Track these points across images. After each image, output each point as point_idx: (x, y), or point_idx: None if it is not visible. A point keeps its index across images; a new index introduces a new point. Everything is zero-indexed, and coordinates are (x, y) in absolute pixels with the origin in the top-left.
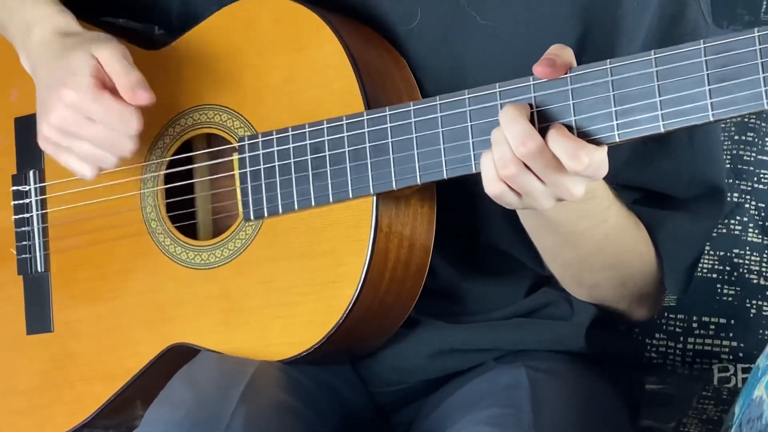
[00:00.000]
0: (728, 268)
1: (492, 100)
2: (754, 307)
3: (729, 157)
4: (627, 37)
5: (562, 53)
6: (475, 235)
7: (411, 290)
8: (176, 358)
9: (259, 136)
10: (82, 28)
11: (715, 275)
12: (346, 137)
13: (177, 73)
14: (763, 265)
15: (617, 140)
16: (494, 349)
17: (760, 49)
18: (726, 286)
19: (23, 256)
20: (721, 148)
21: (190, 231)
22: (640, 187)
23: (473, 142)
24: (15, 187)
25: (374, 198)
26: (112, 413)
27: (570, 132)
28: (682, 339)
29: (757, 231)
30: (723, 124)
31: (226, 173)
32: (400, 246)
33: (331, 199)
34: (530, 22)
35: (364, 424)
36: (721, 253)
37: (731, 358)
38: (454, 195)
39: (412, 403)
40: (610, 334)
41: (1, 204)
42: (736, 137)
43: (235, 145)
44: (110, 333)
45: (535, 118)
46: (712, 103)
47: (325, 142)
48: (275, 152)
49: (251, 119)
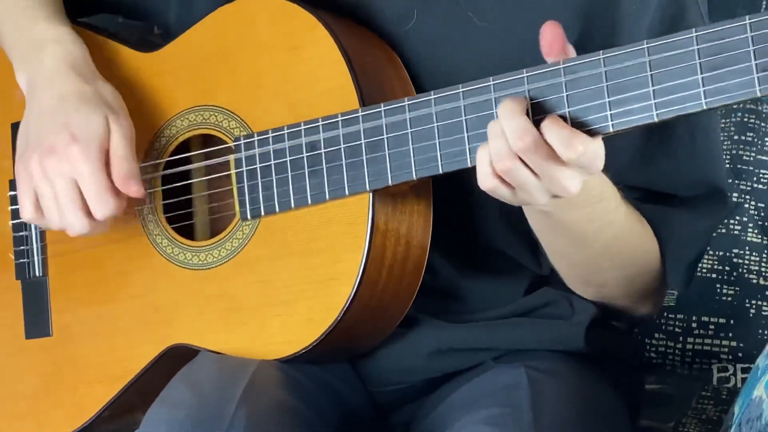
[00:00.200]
0: (728, 268)
1: (486, 94)
2: (754, 307)
3: (729, 157)
4: (627, 40)
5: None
6: (473, 234)
7: (408, 288)
8: (176, 359)
9: (255, 135)
10: (93, 67)
11: (715, 275)
12: (341, 134)
13: (173, 75)
14: (763, 265)
15: (611, 130)
16: (493, 349)
17: (751, 36)
18: (725, 286)
19: (21, 260)
20: (721, 149)
21: (188, 232)
22: (642, 188)
23: (468, 136)
24: (12, 192)
25: (370, 195)
26: (114, 415)
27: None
28: (681, 339)
29: (756, 231)
30: (722, 124)
31: (223, 173)
32: (397, 243)
33: (327, 197)
34: (527, 24)
35: (363, 424)
36: (721, 253)
37: (731, 358)
38: (452, 193)
39: (411, 403)
40: (609, 334)
41: None
42: (736, 137)
43: (231, 144)
44: (109, 335)
45: (529, 111)
46: (704, 91)
47: (321, 139)
48: (271, 151)
49: (247, 119)
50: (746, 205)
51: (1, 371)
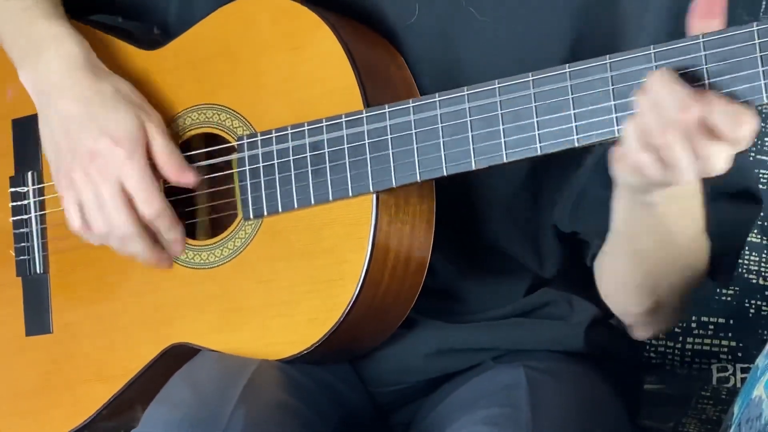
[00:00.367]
0: None
1: (491, 97)
2: (753, 306)
3: None
4: (630, 33)
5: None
6: (474, 234)
7: (411, 288)
8: (176, 358)
9: (258, 134)
10: (99, 62)
11: None
12: (345, 135)
13: (175, 73)
14: (763, 265)
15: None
16: (493, 349)
17: (759, 43)
18: None
19: (22, 257)
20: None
21: (189, 231)
22: None
23: (473, 138)
24: (13, 189)
25: (374, 196)
26: (113, 415)
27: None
28: (681, 339)
29: (756, 231)
30: None
31: (225, 172)
32: (400, 244)
33: (330, 197)
34: (528, 19)
35: (363, 424)
36: None
37: (730, 357)
38: (454, 192)
39: (411, 403)
40: (609, 334)
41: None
42: None
43: (234, 144)
44: (110, 334)
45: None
46: None
47: (324, 140)
48: (274, 151)
49: (250, 118)
50: None
51: (1, 368)
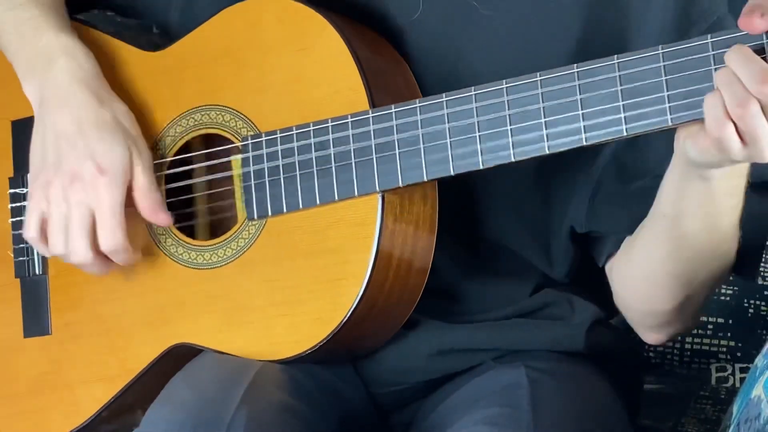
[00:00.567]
0: None
1: (499, 96)
2: (752, 306)
3: None
4: (638, 21)
5: (766, 1)
6: (481, 234)
7: (414, 288)
8: (177, 358)
9: (263, 135)
10: (105, 81)
11: None
12: (351, 135)
13: (179, 74)
14: (762, 264)
15: None
16: (493, 349)
17: (766, 43)
18: (724, 286)
19: (20, 258)
20: None
21: (189, 232)
22: None
23: (480, 138)
24: (12, 190)
25: (379, 196)
26: (114, 416)
27: None
28: (680, 339)
29: None
30: None
31: (227, 173)
32: (404, 244)
33: (336, 197)
34: (533, 14)
35: (364, 424)
36: None
37: (729, 357)
38: (461, 192)
39: (411, 403)
40: (609, 334)
41: None
42: None
43: (239, 144)
44: (110, 334)
45: None
46: None
47: (330, 140)
48: (279, 151)
49: (254, 119)
50: None
51: (0, 369)
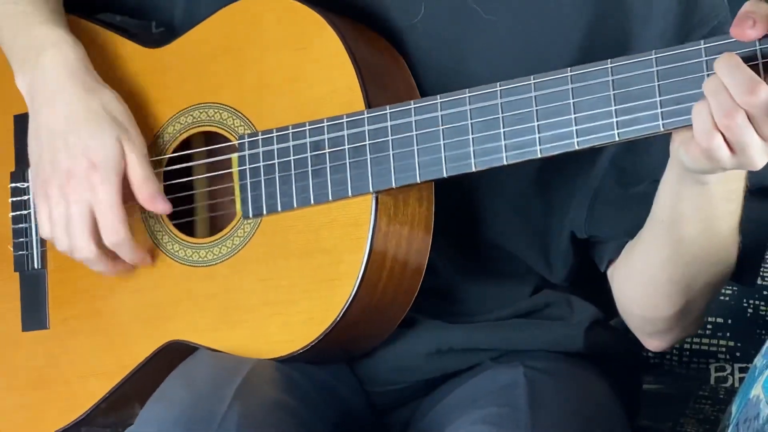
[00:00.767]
0: None
1: (493, 99)
2: (751, 306)
3: None
4: (639, 26)
5: (759, 8)
6: (479, 235)
7: (408, 290)
8: (173, 355)
9: (260, 133)
10: (94, 72)
11: None
12: (346, 135)
13: (178, 71)
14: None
15: None
16: (492, 349)
17: (760, 49)
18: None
19: (20, 252)
20: None
21: (188, 229)
22: None
23: (473, 140)
24: (13, 184)
25: (373, 196)
26: (109, 411)
27: None
28: None
29: None
30: None
31: (225, 171)
32: (398, 245)
33: (330, 197)
34: (535, 18)
35: (361, 424)
36: None
37: (728, 357)
38: (460, 192)
39: (409, 403)
40: (608, 334)
41: None
42: None
43: (235, 142)
44: (106, 330)
45: (761, 70)
46: None
47: (325, 139)
48: (275, 150)
49: (252, 118)
50: None
51: None
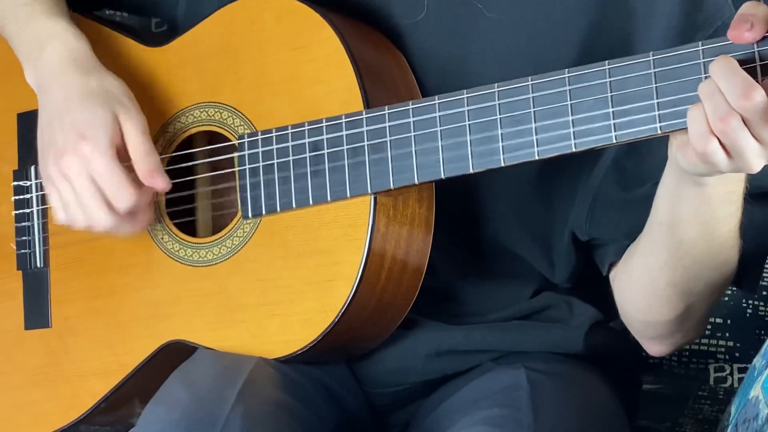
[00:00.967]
0: None
1: (490, 100)
2: (751, 306)
3: None
4: (643, 26)
5: (757, 11)
6: (481, 235)
7: (408, 291)
8: (173, 355)
9: (259, 133)
10: (96, 59)
11: None
12: (344, 135)
13: (178, 71)
14: None
15: None
16: (491, 351)
17: (757, 51)
18: None
19: (23, 251)
20: None
21: (190, 228)
22: None
23: (471, 142)
24: (16, 182)
25: (372, 197)
26: (110, 410)
27: None
28: None
29: None
30: None
31: (226, 171)
32: (397, 246)
33: (329, 198)
34: (537, 17)
35: (361, 425)
36: None
37: (727, 357)
38: (461, 193)
39: (409, 404)
40: (607, 335)
41: (2, 199)
42: None
43: (235, 142)
44: (107, 329)
45: (759, 73)
46: None
47: (324, 140)
48: (274, 150)
49: (251, 117)
50: None
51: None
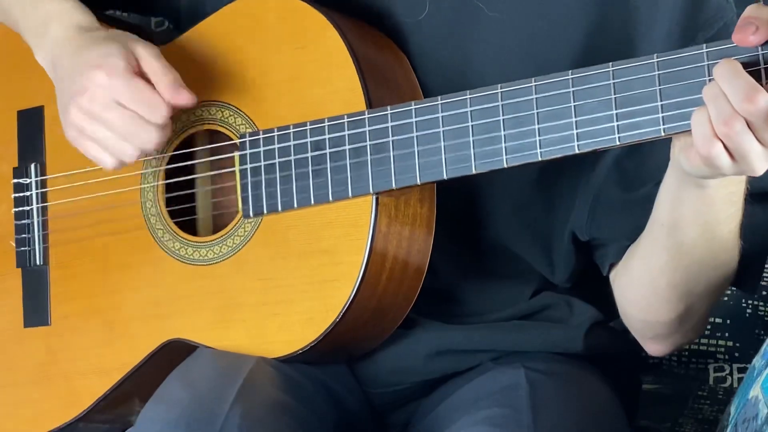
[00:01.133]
0: None
1: (494, 101)
2: (750, 306)
3: None
4: (645, 26)
5: (761, 14)
6: (481, 235)
7: (409, 291)
8: (173, 353)
9: (261, 133)
10: (103, 26)
11: None
12: (347, 135)
13: (180, 69)
14: None
15: None
16: (491, 351)
17: (762, 54)
18: None
19: (22, 248)
20: None
21: (190, 227)
22: None
23: (473, 142)
24: (16, 180)
25: (374, 197)
26: (109, 408)
27: None
28: None
29: None
30: None
31: (227, 170)
32: (399, 246)
33: (330, 198)
34: (539, 17)
35: (360, 425)
36: None
37: (727, 357)
38: (462, 193)
39: (408, 404)
40: (607, 335)
41: (2, 196)
42: None
43: (236, 141)
44: (107, 327)
45: (763, 76)
46: None
47: (326, 139)
48: (276, 149)
49: (253, 116)
50: None
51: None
